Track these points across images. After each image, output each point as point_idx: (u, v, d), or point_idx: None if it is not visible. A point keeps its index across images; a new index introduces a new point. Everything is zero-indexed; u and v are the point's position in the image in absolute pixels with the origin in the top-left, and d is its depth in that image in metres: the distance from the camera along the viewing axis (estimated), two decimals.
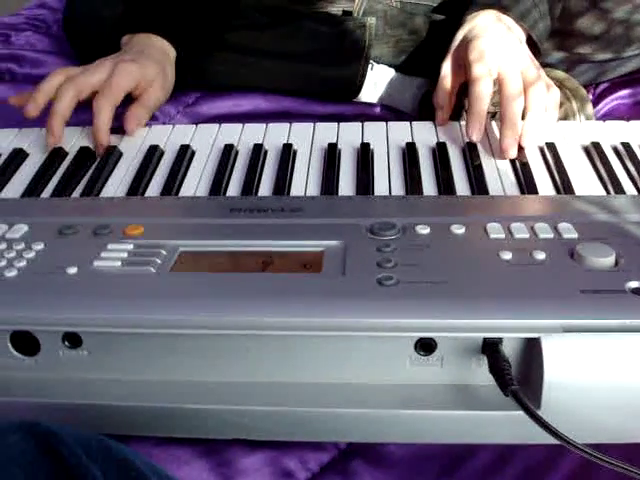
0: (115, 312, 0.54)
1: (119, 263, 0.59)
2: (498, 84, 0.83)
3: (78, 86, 0.87)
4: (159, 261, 0.59)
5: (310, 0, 1.15)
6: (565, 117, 1.02)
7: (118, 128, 0.88)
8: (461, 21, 0.92)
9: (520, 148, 0.80)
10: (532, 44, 0.91)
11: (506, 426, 0.53)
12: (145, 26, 0.99)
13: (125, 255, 0.60)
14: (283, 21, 1.12)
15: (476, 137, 0.82)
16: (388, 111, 1.11)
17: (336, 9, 1.15)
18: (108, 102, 0.86)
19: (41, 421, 0.41)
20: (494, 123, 0.86)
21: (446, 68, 0.91)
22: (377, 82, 1.13)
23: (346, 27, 1.11)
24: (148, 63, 0.92)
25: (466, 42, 0.87)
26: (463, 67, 0.88)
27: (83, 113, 0.89)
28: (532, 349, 0.52)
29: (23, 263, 0.59)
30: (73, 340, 0.55)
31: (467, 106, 0.84)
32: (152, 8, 1.02)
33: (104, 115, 0.85)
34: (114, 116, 0.87)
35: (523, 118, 0.81)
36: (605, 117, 1.11)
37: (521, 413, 0.49)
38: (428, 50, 1.13)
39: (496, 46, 0.85)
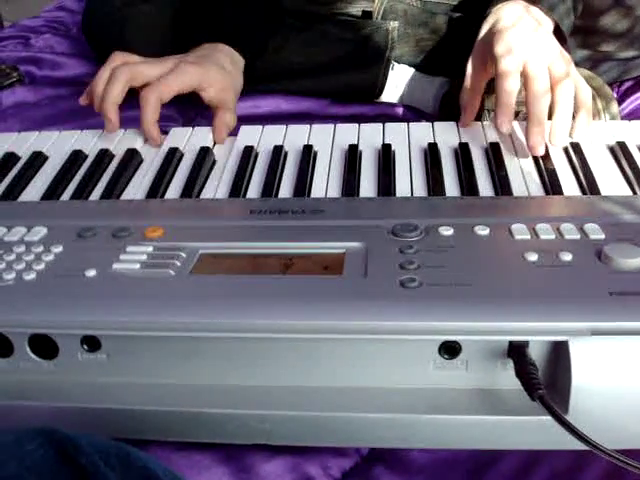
0: (134, 315, 0.53)
1: (138, 265, 0.58)
2: (524, 79, 0.81)
3: (133, 72, 0.85)
4: (178, 263, 0.58)
5: (330, 1, 1.14)
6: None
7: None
8: (486, 13, 0.90)
9: (546, 154, 0.78)
10: (559, 38, 0.89)
11: (533, 432, 0.51)
12: (211, 37, 0.97)
13: (144, 257, 0.59)
14: (305, 27, 1.12)
15: (506, 129, 0.80)
16: (409, 111, 1.10)
17: (356, 10, 1.14)
18: (155, 96, 0.84)
19: (59, 428, 0.41)
20: (517, 123, 0.85)
21: (471, 66, 0.89)
22: (398, 82, 1.12)
23: (369, 31, 1.10)
24: (212, 67, 0.90)
25: (492, 35, 0.84)
26: (489, 63, 0.85)
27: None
28: (559, 352, 0.51)
29: (42, 266, 0.59)
30: (92, 343, 0.55)
31: (494, 101, 0.82)
32: (217, 20, 1.01)
33: (150, 108, 0.83)
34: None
35: (550, 116, 0.80)
36: (629, 116, 1.09)
37: (548, 418, 0.48)
38: (449, 49, 1.12)
39: (524, 39, 0.82)
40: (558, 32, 0.90)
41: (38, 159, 0.84)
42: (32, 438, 0.40)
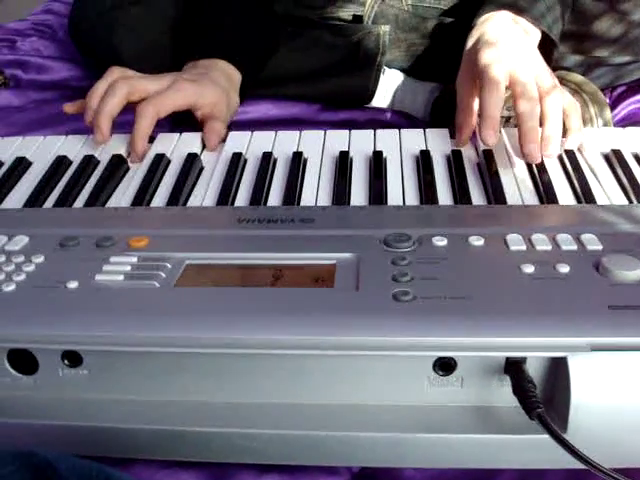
0: (116, 330, 0.51)
1: (122, 277, 0.56)
2: (512, 92, 0.80)
3: (131, 87, 0.84)
4: (164, 275, 0.56)
5: (320, 5, 1.13)
6: (582, 122, 0.99)
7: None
8: (472, 24, 0.89)
9: (541, 162, 0.77)
10: (545, 46, 0.88)
11: (531, 450, 0.50)
12: (210, 52, 0.95)
13: (128, 268, 0.57)
14: (296, 32, 1.10)
15: (492, 142, 0.78)
16: (400, 116, 1.08)
17: (346, 14, 1.13)
18: (153, 110, 0.82)
19: (37, 449, 0.39)
20: (504, 131, 0.83)
21: (460, 84, 0.87)
22: (389, 87, 1.11)
23: (360, 36, 1.09)
24: (208, 85, 0.89)
25: (477, 50, 0.83)
26: (478, 80, 0.83)
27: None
28: (558, 369, 0.49)
29: (22, 277, 0.57)
30: (73, 359, 0.53)
31: (480, 111, 0.81)
32: (216, 34, 0.99)
33: (145, 121, 0.82)
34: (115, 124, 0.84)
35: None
36: (622, 121, 1.08)
37: (546, 437, 0.46)
38: (440, 54, 1.10)
39: (509, 51, 0.81)
40: (547, 41, 0.88)
41: (21, 165, 0.82)
42: (8, 461, 0.38)
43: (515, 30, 0.85)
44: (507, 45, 0.82)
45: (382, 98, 1.10)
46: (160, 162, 0.80)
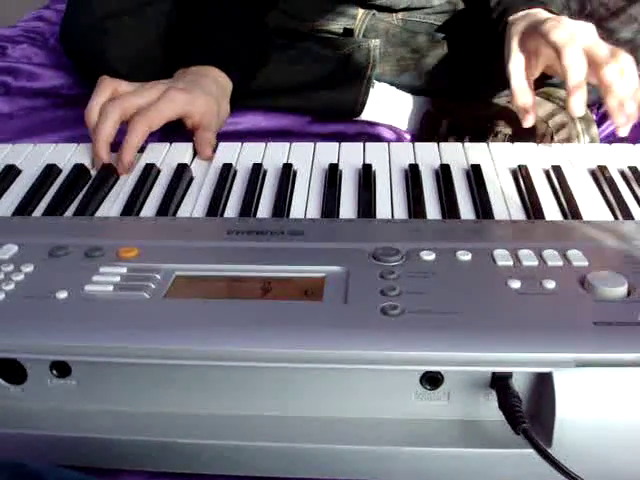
0: (105, 341, 0.51)
1: (111, 288, 0.56)
2: (593, 59, 0.82)
3: (124, 108, 0.84)
4: (153, 286, 0.57)
5: (311, 18, 1.14)
6: (569, 138, 1.00)
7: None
8: (503, 22, 0.92)
9: (528, 177, 0.78)
10: None
11: (516, 465, 0.50)
12: (201, 58, 0.96)
13: (118, 279, 0.57)
14: (287, 45, 1.11)
15: (581, 111, 0.82)
16: (389, 130, 1.09)
17: (337, 27, 1.14)
18: (145, 124, 0.83)
19: (27, 461, 0.39)
20: (492, 145, 0.84)
21: (515, 68, 0.88)
22: (378, 100, 1.11)
23: (350, 49, 1.09)
24: (199, 94, 0.89)
25: (535, 25, 0.86)
26: (534, 58, 0.88)
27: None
28: (543, 384, 0.50)
29: (11, 286, 0.57)
30: (61, 369, 0.53)
31: (564, 81, 0.83)
32: (209, 41, 1.00)
33: (136, 136, 0.82)
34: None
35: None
36: (608, 137, 1.09)
37: (532, 451, 0.47)
38: (430, 69, 1.11)
39: (575, 24, 0.84)
40: None
41: (11, 173, 0.82)
42: None
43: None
44: (571, 22, 0.85)
45: (372, 111, 1.11)
46: (150, 172, 0.80)
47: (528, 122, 0.88)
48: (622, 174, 0.79)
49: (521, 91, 0.88)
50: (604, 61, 0.81)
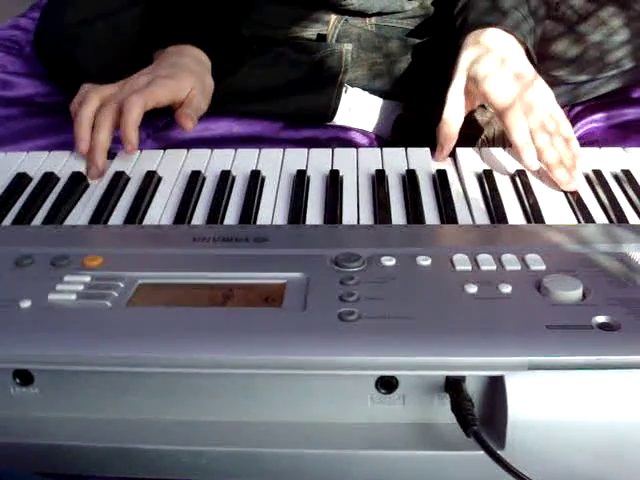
0: (67, 349, 0.52)
1: (74, 296, 0.57)
2: (529, 123, 0.83)
3: (116, 112, 0.83)
4: (116, 294, 0.57)
5: (284, 26, 1.14)
6: None
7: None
8: (461, 42, 0.91)
9: (492, 181, 0.79)
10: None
11: (470, 467, 0.51)
12: (178, 38, 0.96)
13: (81, 288, 0.58)
14: (260, 50, 1.12)
15: (536, 167, 0.82)
16: (362, 134, 1.10)
17: (310, 33, 1.14)
18: (141, 100, 0.83)
19: None
20: (458, 150, 0.85)
21: (452, 100, 0.88)
22: (351, 106, 1.12)
23: (323, 54, 1.10)
24: (184, 75, 0.89)
25: (475, 79, 0.86)
26: (472, 96, 0.88)
27: None
28: (496, 387, 0.50)
29: None
30: (24, 377, 0.53)
31: (513, 145, 0.84)
32: (182, 20, 1.00)
33: (136, 111, 0.82)
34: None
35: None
36: (579, 140, 1.10)
37: (484, 454, 0.48)
38: (402, 74, 1.12)
39: (519, 80, 0.86)
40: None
41: None
42: None
43: (515, 51, 0.89)
44: (515, 72, 0.86)
45: (344, 116, 1.12)
46: (119, 180, 0.81)
47: (441, 155, 0.87)
48: (587, 178, 0.81)
49: (448, 136, 0.87)
50: (536, 128, 0.83)
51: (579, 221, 0.73)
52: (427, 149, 0.87)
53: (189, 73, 0.91)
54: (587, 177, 0.81)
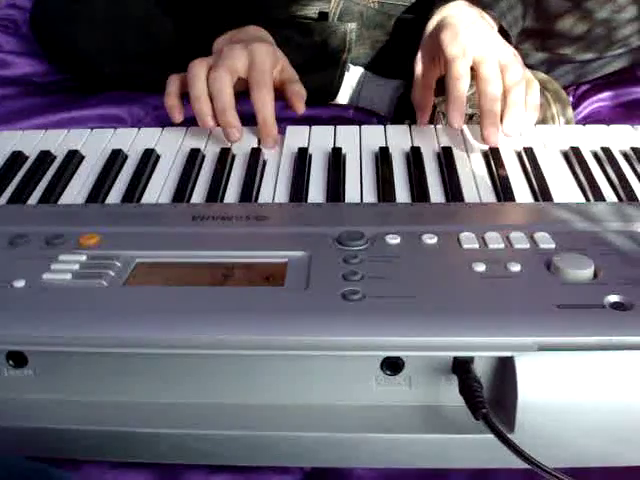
0: (62, 330, 0.50)
1: (70, 276, 0.55)
2: (475, 69, 0.80)
3: (229, 73, 0.81)
4: (112, 274, 0.56)
5: (285, 3, 1.12)
6: (544, 120, 0.99)
7: None
8: (430, 14, 0.89)
9: (499, 159, 0.77)
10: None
11: (478, 450, 0.50)
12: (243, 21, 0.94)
13: (77, 267, 0.56)
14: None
15: (457, 124, 0.79)
16: (364, 113, 1.08)
17: (312, 11, 1.12)
18: (269, 93, 0.81)
19: None
20: (471, 126, 0.83)
21: (420, 63, 0.88)
22: (353, 84, 1.10)
23: (326, 34, 1.08)
24: (262, 46, 0.86)
25: (440, 29, 0.84)
26: (438, 59, 0.85)
27: None
28: (505, 368, 0.49)
29: None
30: (18, 359, 0.52)
31: (446, 92, 0.80)
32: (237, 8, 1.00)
33: (270, 106, 0.81)
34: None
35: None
36: (585, 119, 1.09)
37: (493, 437, 0.46)
38: (405, 51, 1.10)
39: (470, 28, 0.82)
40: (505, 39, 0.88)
41: None
42: None
43: (471, 12, 0.86)
44: (467, 24, 0.83)
45: (346, 95, 1.10)
46: (117, 157, 0.79)
47: (421, 121, 0.88)
48: (595, 155, 0.79)
49: (420, 100, 0.88)
50: (489, 79, 0.79)
51: (587, 199, 0.71)
52: (432, 126, 0.85)
53: (268, 44, 0.88)
54: (595, 154, 0.79)
